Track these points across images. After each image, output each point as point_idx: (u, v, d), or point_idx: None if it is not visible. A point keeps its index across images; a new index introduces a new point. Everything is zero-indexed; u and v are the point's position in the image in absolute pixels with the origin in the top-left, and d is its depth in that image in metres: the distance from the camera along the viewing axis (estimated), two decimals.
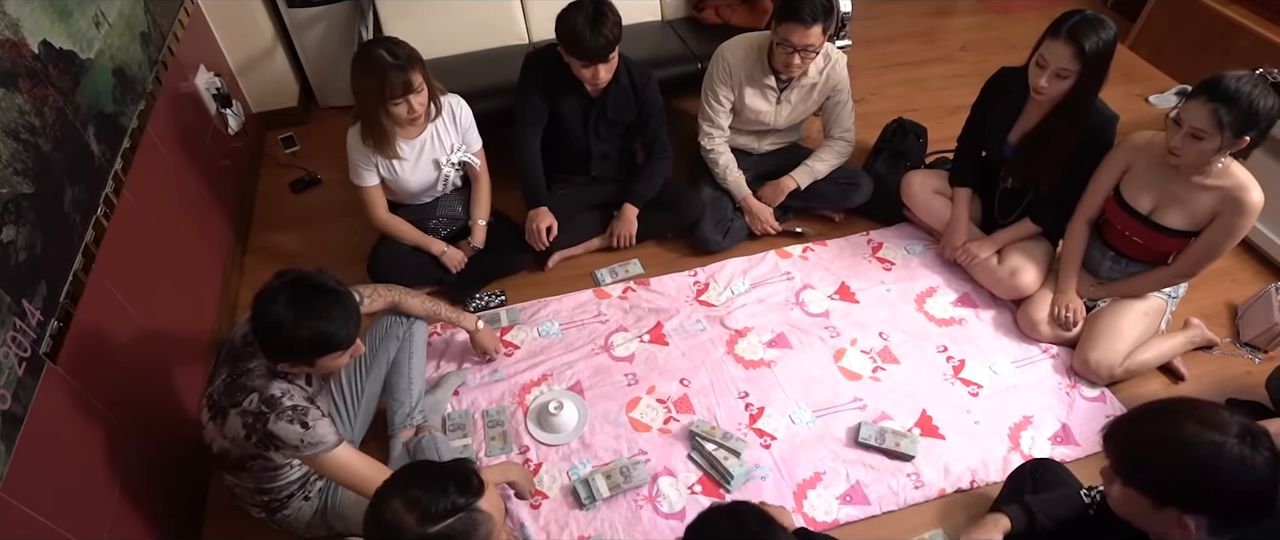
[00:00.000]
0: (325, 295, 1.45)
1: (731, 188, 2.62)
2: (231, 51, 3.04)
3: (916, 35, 4.02)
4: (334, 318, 1.45)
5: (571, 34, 2.12)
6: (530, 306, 2.46)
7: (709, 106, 2.55)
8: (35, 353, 1.43)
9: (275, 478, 1.64)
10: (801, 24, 2.19)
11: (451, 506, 1.11)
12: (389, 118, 2.09)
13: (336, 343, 1.47)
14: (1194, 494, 1.15)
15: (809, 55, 2.29)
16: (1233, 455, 1.11)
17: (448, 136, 2.30)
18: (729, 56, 2.45)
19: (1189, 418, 1.16)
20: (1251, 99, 1.72)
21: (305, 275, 1.46)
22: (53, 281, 1.54)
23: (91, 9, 1.92)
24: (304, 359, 1.48)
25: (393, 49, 2.00)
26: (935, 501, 1.95)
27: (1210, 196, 1.93)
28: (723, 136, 2.59)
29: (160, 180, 2.17)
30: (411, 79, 2.01)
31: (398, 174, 2.26)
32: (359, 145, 2.18)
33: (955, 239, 2.48)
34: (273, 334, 1.43)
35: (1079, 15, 1.96)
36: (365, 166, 2.22)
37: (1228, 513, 1.15)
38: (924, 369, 2.26)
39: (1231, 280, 2.52)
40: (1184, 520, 1.16)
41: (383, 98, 2.02)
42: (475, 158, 2.38)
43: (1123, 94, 3.41)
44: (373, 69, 1.98)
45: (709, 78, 2.52)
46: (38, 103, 1.60)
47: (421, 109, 2.10)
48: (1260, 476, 1.11)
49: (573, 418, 2.10)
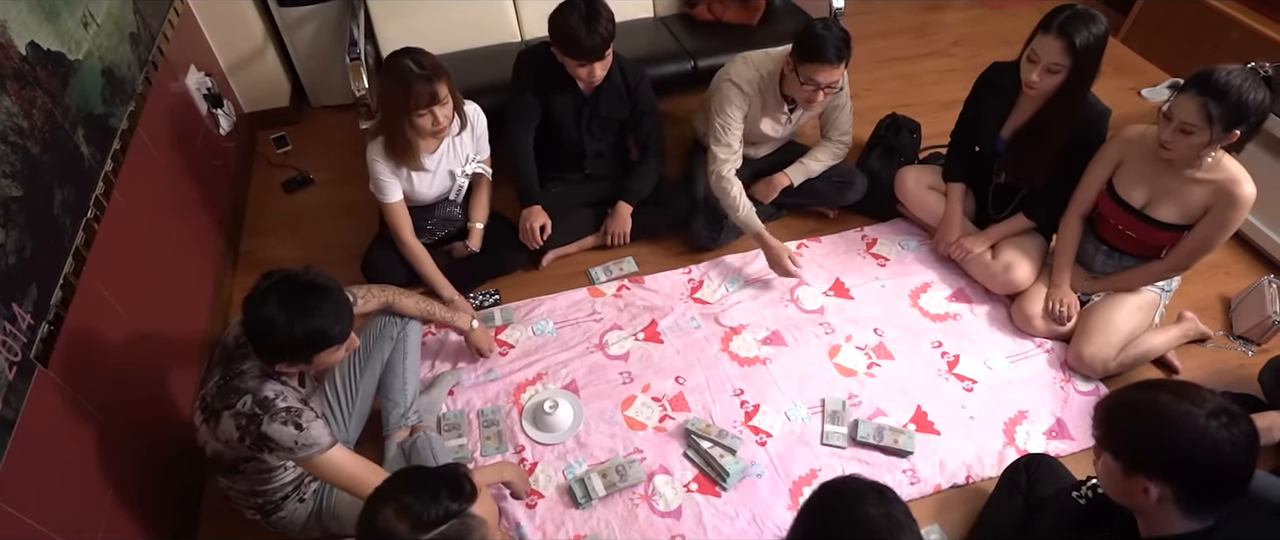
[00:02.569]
0: (315, 292, 1.45)
1: (742, 222, 2.43)
2: (222, 51, 3.03)
3: (909, 30, 4.02)
4: (326, 313, 1.44)
5: (566, 32, 2.11)
6: (525, 305, 2.46)
7: (722, 128, 2.40)
8: (26, 356, 1.43)
9: (269, 480, 1.64)
10: (829, 64, 2.15)
11: (444, 513, 1.10)
12: (413, 129, 2.08)
13: (332, 337, 1.47)
14: (1156, 459, 1.17)
15: (831, 91, 2.26)
16: (1197, 425, 1.12)
17: (464, 147, 2.30)
18: (744, 86, 2.37)
19: (1167, 390, 1.18)
20: (1241, 93, 1.72)
21: (292, 274, 1.46)
22: (43, 285, 1.53)
23: (79, 10, 1.90)
24: (300, 358, 1.48)
25: (419, 60, 1.99)
26: (931, 497, 1.95)
27: (1202, 190, 1.93)
28: (736, 159, 2.44)
29: (151, 182, 2.15)
30: (437, 90, 2.00)
31: (415, 185, 2.25)
32: (381, 159, 2.15)
33: (949, 234, 2.48)
34: (266, 336, 1.42)
35: (1070, 10, 1.96)
36: (388, 181, 2.19)
37: (1192, 485, 1.16)
38: (919, 365, 2.26)
39: (1224, 273, 2.53)
40: (1148, 487, 1.17)
41: (408, 108, 2.01)
42: (486, 166, 2.38)
43: (1115, 88, 3.42)
44: (399, 79, 1.98)
45: (721, 103, 2.39)
46: (26, 105, 1.58)
47: (446, 121, 2.09)
48: (1225, 453, 1.11)
49: (568, 417, 2.10)
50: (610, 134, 2.52)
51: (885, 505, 1.09)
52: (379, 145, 2.15)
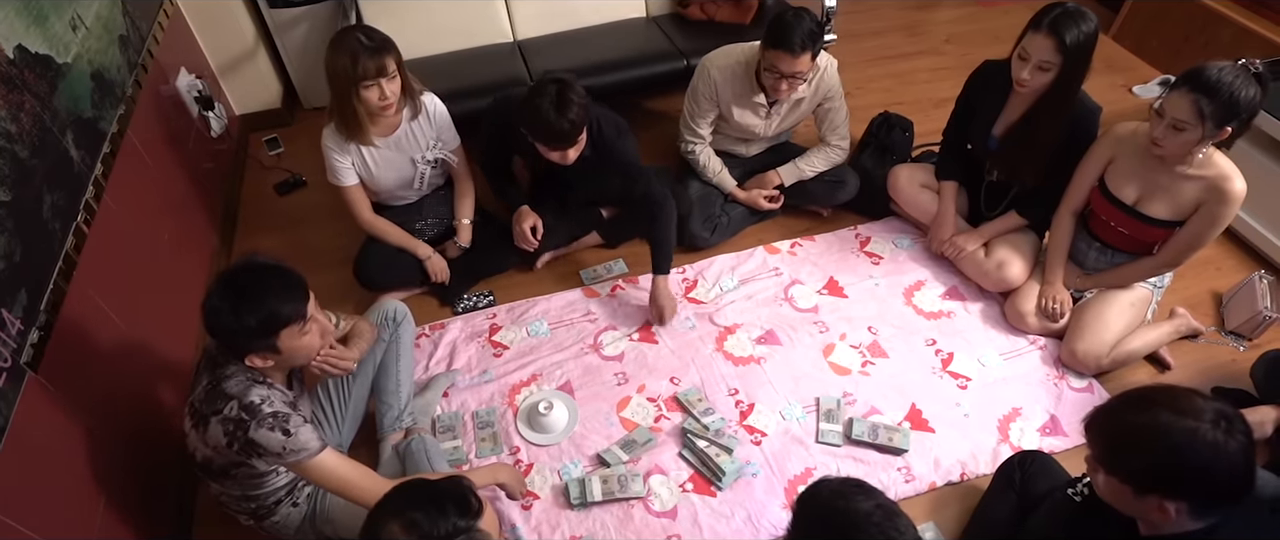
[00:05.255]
0: (258, 273, 1.42)
1: (718, 182, 2.62)
2: (213, 53, 3.01)
3: (901, 28, 4.03)
4: (274, 290, 1.41)
5: (537, 120, 2.02)
6: (519, 306, 2.46)
7: (690, 115, 2.54)
8: (15, 362, 1.42)
9: (261, 485, 1.63)
10: (790, 53, 2.18)
11: (452, 529, 1.08)
12: (361, 102, 2.07)
13: (284, 316, 1.42)
14: (1171, 480, 1.18)
15: (797, 82, 2.28)
16: (1207, 441, 1.13)
17: (422, 134, 2.28)
18: (716, 74, 2.43)
19: (1164, 406, 1.18)
20: (1232, 90, 1.73)
21: (237, 264, 1.44)
22: (33, 290, 1.52)
23: (68, 12, 1.89)
24: (264, 345, 1.43)
25: (369, 33, 2.00)
26: (926, 495, 1.95)
27: (1194, 186, 1.94)
28: (703, 144, 2.59)
29: (142, 185, 2.14)
30: (385, 63, 2.00)
31: (372, 170, 2.24)
32: (334, 140, 2.16)
33: (942, 232, 2.48)
34: (221, 328, 1.40)
35: (1060, 8, 1.96)
36: (342, 164, 2.20)
37: (1205, 496, 1.18)
38: (913, 363, 2.26)
39: (1216, 269, 2.54)
40: (1164, 506, 1.18)
41: (355, 79, 2.00)
42: (453, 156, 2.36)
43: (1106, 85, 3.43)
44: (346, 50, 1.98)
45: (693, 88, 2.51)
46: (14, 109, 1.57)
47: (393, 97, 2.08)
48: (1234, 461, 1.13)
49: (563, 418, 2.09)
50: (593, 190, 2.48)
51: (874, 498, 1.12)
52: (331, 128, 2.15)
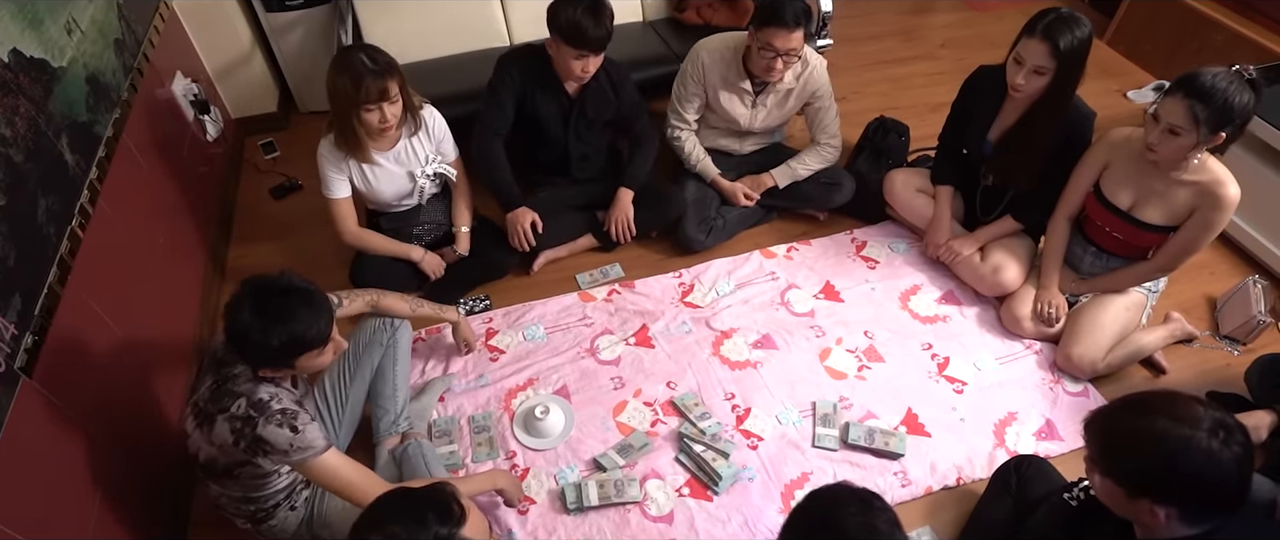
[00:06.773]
0: (290, 296, 1.43)
1: (700, 170, 2.63)
2: (209, 57, 3.01)
3: (897, 33, 4.04)
4: (301, 317, 1.42)
5: (572, 24, 2.12)
6: (515, 310, 2.45)
7: (677, 99, 2.57)
8: (9, 367, 1.41)
9: (263, 486, 1.62)
10: (784, 28, 2.19)
11: (433, 538, 1.08)
12: (361, 124, 2.07)
13: (308, 342, 1.44)
14: (1163, 486, 1.18)
15: (790, 59, 2.29)
16: (1201, 449, 1.13)
17: (422, 148, 2.28)
18: (705, 56, 2.46)
19: (1162, 412, 1.18)
20: (1227, 95, 1.74)
21: (267, 280, 1.44)
22: (27, 295, 1.51)
23: (63, 16, 1.89)
24: (282, 363, 1.46)
25: (372, 55, 1.99)
26: (923, 499, 1.95)
27: (1188, 191, 1.95)
28: (689, 130, 2.61)
29: (137, 189, 2.14)
30: (387, 87, 2.00)
31: (371, 183, 2.24)
32: (330, 154, 2.16)
33: (938, 237, 2.49)
34: (244, 343, 1.41)
35: (1055, 13, 1.97)
36: (336, 177, 2.19)
37: (1196, 504, 1.18)
38: (909, 367, 2.27)
39: (1210, 274, 2.55)
40: (1155, 510, 1.19)
41: (356, 102, 2.00)
42: (451, 169, 2.37)
43: (1101, 90, 3.45)
44: (349, 72, 1.97)
45: (682, 72, 2.53)
46: (8, 113, 1.57)
47: (393, 119, 2.08)
48: (1227, 471, 1.13)
49: (559, 422, 2.09)
50: (597, 136, 2.52)
51: (869, 515, 1.10)
52: (329, 141, 2.15)
